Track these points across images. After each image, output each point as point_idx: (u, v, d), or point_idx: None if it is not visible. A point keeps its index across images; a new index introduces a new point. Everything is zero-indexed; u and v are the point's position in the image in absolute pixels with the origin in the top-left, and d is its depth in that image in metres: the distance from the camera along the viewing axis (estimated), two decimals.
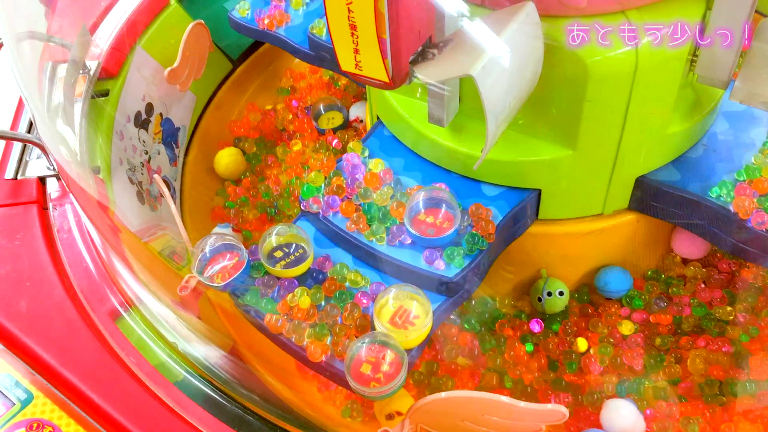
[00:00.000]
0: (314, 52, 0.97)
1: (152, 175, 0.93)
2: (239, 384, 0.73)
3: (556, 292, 0.84)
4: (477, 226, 0.73)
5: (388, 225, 0.75)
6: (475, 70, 0.56)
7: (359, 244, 0.75)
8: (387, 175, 0.79)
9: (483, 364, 0.83)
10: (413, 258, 0.73)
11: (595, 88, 0.66)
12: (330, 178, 0.80)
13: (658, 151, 0.76)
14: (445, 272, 0.71)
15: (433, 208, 0.74)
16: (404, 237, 0.74)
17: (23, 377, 0.72)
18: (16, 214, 0.84)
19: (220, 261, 0.75)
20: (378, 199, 0.77)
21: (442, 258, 0.72)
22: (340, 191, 0.79)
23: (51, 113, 0.79)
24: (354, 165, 0.81)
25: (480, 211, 0.74)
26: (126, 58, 0.95)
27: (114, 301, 0.75)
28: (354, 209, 0.77)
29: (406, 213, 0.73)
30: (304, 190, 0.80)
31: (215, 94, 1.15)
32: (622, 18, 0.65)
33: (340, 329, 0.70)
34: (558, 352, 0.83)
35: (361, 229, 0.76)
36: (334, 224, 0.77)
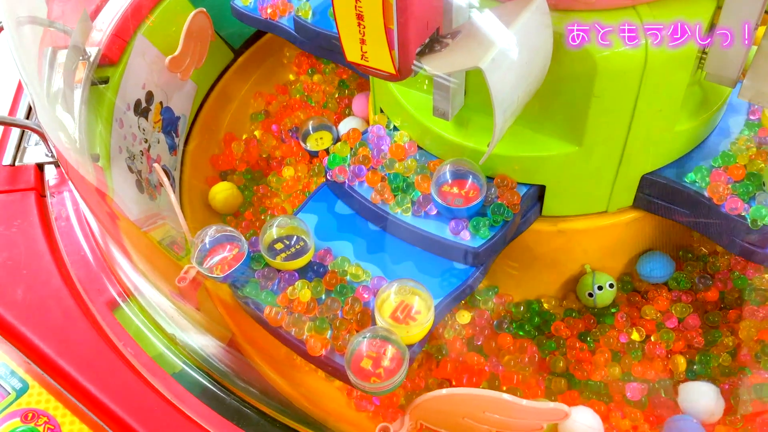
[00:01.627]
0: (300, 35, 0.97)
1: (152, 163, 0.92)
2: (237, 376, 0.72)
3: (606, 285, 0.84)
4: (502, 197, 0.73)
5: (412, 196, 0.75)
6: (485, 63, 0.55)
7: (385, 214, 0.75)
8: (412, 147, 0.79)
9: (545, 368, 0.82)
10: (439, 229, 0.73)
11: (603, 83, 0.66)
12: (356, 148, 0.80)
13: (665, 148, 0.75)
14: (470, 243, 0.72)
15: (459, 179, 0.74)
16: (430, 207, 0.75)
17: (18, 366, 0.71)
18: (13, 200, 0.83)
19: (219, 252, 0.74)
20: (402, 170, 0.77)
21: (467, 228, 0.72)
22: (366, 161, 0.79)
23: (51, 99, 0.78)
24: (379, 137, 0.81)
25: (506, 181, 0.74)
26: (127, 46, 0.94)
27: (112, 291, 0.75)
28: (379, 179, 0.78)
29: (433, 183, 0.74)
30: (331, 159, 0.80)
31: (216, 83, 1.14)
32: (633, 14, 0.64)
33: (341, 323, 0.69)
34: (619, 344, 0.83)
35: (387, 200, 0.76)
36: (359, 194, 0.77)
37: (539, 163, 0.74)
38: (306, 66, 1.20)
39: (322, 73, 1.19)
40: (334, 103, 1.15)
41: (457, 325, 0.83)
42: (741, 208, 0.72)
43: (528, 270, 0.86)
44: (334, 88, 1.17)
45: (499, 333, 0.85)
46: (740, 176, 0.75)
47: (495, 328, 0.85)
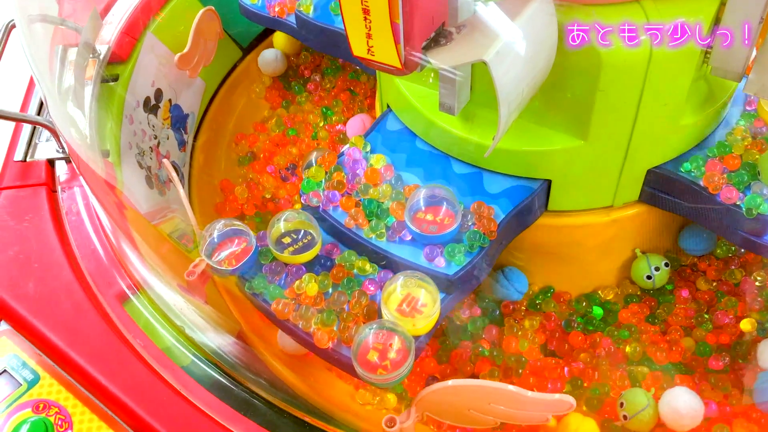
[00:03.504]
0: (302, 30, 0.97)
1: (161, 159, 0.93)
2: (246, 368, 0.73)
3: (662, 264, 0.85)
4: (479, 223, 0.73)
5: (386, 222, 0.75)
6: (489, 56, 0.55)
7: (359, 239, 0.75)
8: (388, 171, 0.79)
9: (622, 358, 0.83)
10: (413, 255, 0.72)
11: (608, 77, 0.66)
12: (331, 172, 0.80)
13: (671, 142, 0.75)
14: (445, 269, 0.71)
15: (433, 205, 0.73)
16: (404, 233, 0.74)
17: (30, 358, 0.72)
18: (24, 196, 0.84)
19: (228, 246, 0.75)
20: (377, 196, 0.77)
21: (442, 255, 0.72)
22: (341, 186, 0.78)
23: (62, 96, 0.79)
24: (355, 160, 0.81)
25: (482, 209, 0.74)
26: (136, 43, 0.95)
27: (122, 284, 0.75)
28: (354, 204, 0.77)
29: (407, 210, 0.73)
30: (305, 184, 0.79)
31: (225, 80, 1.15)
32: (638, 9, 0.64)
33: (348, 316, 0.70)
34: (687, 320, 0.85)
35: (361, 224, 0.75)
36: (334, 218, 0.76)
37: (544, 158, 0.74)
38: (278, 99, 1.18)
39: (296, 104, 1.18)
40: (324, 132, 1.12)
41: (529, 334, 0.83)
42: (736, 198, 0.73)
43: (580, 264, 0.86)
44: (318, 117, 1.15)
45: (570, 332, 0.85)
46: (735, 166, 0.75)
47: (564, 327, 0.85)
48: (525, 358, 0.82)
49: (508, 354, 0.83)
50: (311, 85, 1.19)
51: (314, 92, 1.18)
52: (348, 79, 1.18)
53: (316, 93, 1.18)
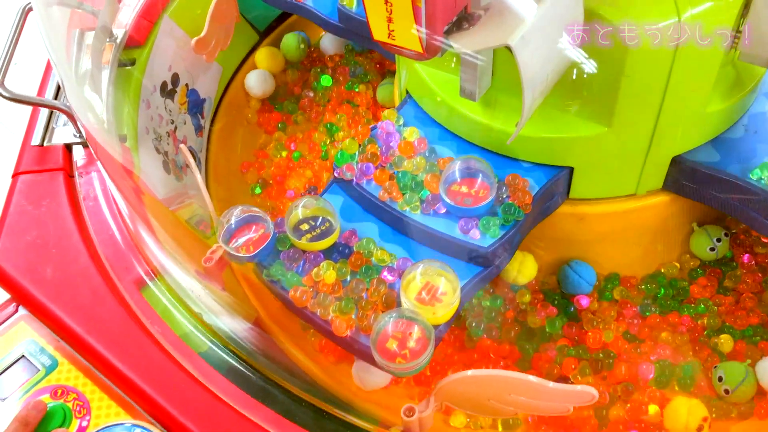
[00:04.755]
0: (344, 25, 0.96)
1: (178, 144, 0.92)
2: (263, 355, 0.73)
3: (722, 235, 0.86)
4: (513, 196, 0.72)
5: (420, 194, 0.74)
6: (514, 40, 0.54)
7: (392, 212, 0.74)
8: (421, 144, 0.78)
9: (700, 331, 0.83)
10: (448, 227, 0.72)
11: (634, 62, 0.64)
12: (364, 145, 0.79)
13: (696, 130, 0.74)
14: (480, 242, 0.70)
15: (469, 177, 0.73)
16: (438, 206, 0.73)
17: (48, 343, 0.72)
18: (42, 180, 0.84)
19: (245, 233, 0.74)
20: (411, 168, 0.76)
21: (477, 227, 0.71)
22: (375, 158, 0.78)
23: (79, 80, 0.79)
24: (388, 133, 0.80)
25: (517, 181, 0.73)
26: (153, 27, 0.94)
27: (139, 270, 0.75)
28: (387, 177, 0.77)
29: (442, 182, 0.73)
30: (338, 156, 0.79)
31: (242, 65, 1.14)
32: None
33: (366, 304, 0.69)
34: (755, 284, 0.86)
35: (395, 198, 0.75)
36: (367, 192, 0.76)
37: (567, 145, 0.73)
38: (272, 122, 1.11)
39: (293, 123, 1.11)
40: (334, 150, 1.04)
41: (613, 326, 0.83)
42: None
43: (638, 246, 0.86)
44: (324, 135, 1.07)
45: (647, 316, 0.84)
46: None
47: (641, 312, 0.84)
48: (613, 352, 0.80)
49: (595, 349, 0.81)
50: (304, 101, 1.12)
51: (309, 109, 1.12)
52: (345, 91, 1.12)
53: (312, 110, 1.12)
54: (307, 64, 1.18)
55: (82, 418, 0.67)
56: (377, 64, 1.15)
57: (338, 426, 0.64)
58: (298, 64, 1.18)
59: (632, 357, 0.81)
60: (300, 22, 1.18)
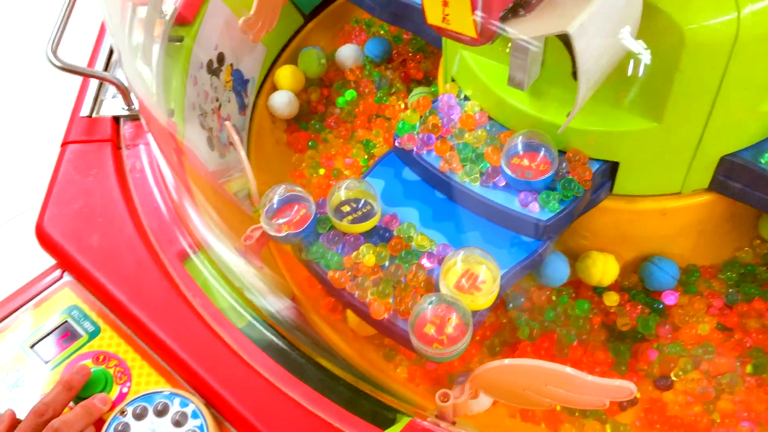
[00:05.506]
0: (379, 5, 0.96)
1: (222, 122, 0.93)
2: (302, 333, 0.73)
3: None
4: (573, 172, 0.72)
5: (481, 167, 0.75)
6: (573, 28, 0.54)
7: (452, 183, 0.75)
8: (482, 118, 0.78)
9: None
10: (507, 200, 0.73)
11: (689, 57, 0.63)
12: (426, 116, 0.80)
13: (748, 129, 0.73)
14: (539, 215, 0.71)
15: (531, 151, 0.73)
16: (498, 178, 0.74)
17: (91, 310, 0.74)
18: (90, 151, 0.85)
19: (287, 212, 0.75)
20: (472, 141, 0.76)
21: (537, 201, 0.72)
22: (436, 129, 0.78)
23: (132, 52, 0.80)
24: (450, 106, 0.80)
25: (578, 156, 0.73)
26: (202, 5, 0.95)
27: (183, 243, 0.76)
28: (449, 148, 0.77)
29: (503, 154, 0.73)
30: (399, 126, 0.79)
31: (285, 47, 1.15)
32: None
33: (405, 288, 0.69)
34: None
35: (455, 169, 0.75)
36: (427, 162, 0.77)
37: (615, 139, 0.72)
38: (302, 142, 1.07)
39: (322, 141, 1.07)
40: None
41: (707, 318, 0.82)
42: None
43: (714, 236, 0.85)
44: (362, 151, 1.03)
45: (734, 305, 0.83)
46: None
47: (727, 302, 0.84)
48: (712, 345, 0.80)
49: (691, 344, 0.81)
50: (332, 120, 1.09)
51: (337, 126, 1.08)
52: (374, 105, 1.08)
53: (340, 126, 1.08)
54: (326, 80, 1.15)
55: (122, 384, 0.68)
56: (402, 73, 1.11)
57: (374, 406, 0.65)
58: (318, 80, 1.15)
59: (726, 348, 0.80)
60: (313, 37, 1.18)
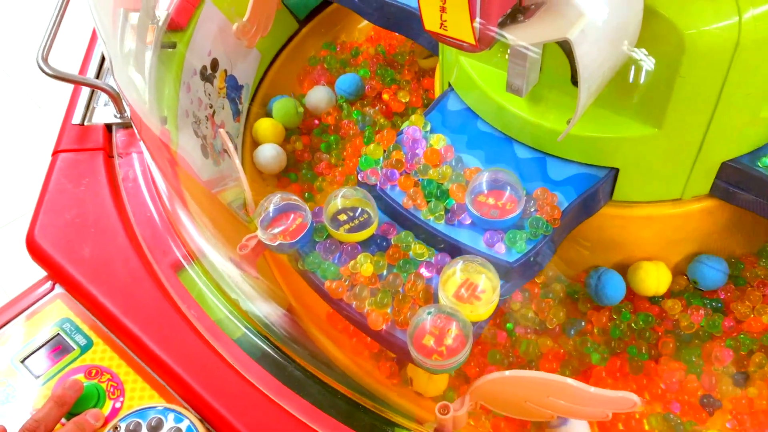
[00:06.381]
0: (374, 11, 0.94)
1: (217, 129, 0.92)
2: (298, 344, 0.72)
3: None
4: (542, 210, 0.70)
5: (446, 204, 0.73)
6: (573, 34, 0.53)
7: (416, 221, 0.73)
8: (448, 152, 0.77)
9: None
10: (472, 239, 0.70)
11: (690, 62, 0.63)
12: (389, 151, 0.78)
13: (749, 134, 0.72)
14: (505, 256, 0.69)
15: (496, 189, 0.71)
16: (464, 217, 0.72)
17: (83, 323, 0.73)
18: (82, 159, 0.84)
19: (283, 221, 0.74)
20: (437, 177, 0.75)
21: (503, 241, 0.69)
22: (399, 165, 0.76)
23: (124, 59, 0.79)
24: (414, 139, 0.78)
25: (546, 195, 0.71)
26: (195, 11, 0.94)
27: (177, 253, 0.75)
28: (412, 184, 0.75)
29: (468, 193, 0.71)
30: (362, 161, 0.77)
31: (280, 53, 1.14)
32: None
33: (403, 298, 0.68)
34: None
35: (419, 206, 0.73)
36: (391, 198, 0.75)
37: (615, 145, 0.71)
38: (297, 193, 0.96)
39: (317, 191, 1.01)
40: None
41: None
42: None
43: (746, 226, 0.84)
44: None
45: None
46: None
47: None
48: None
49: (758, 332, 0.80)
50: (322, 165, 1.03)
51: (328, 172, 1.03)
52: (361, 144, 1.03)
53: (333, 171, 1.03)
54: (303, 128, 1.09)
55: (115, 399, 0.67)
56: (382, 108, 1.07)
57: (373, 420, 0.64)
58: (296, 128, 1.09)
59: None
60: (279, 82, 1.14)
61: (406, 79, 1.11)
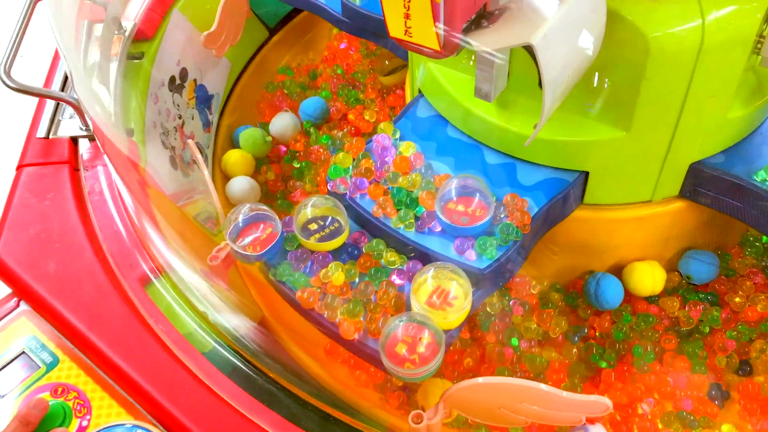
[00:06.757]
0: (349, 19, 0.94)
1: (185, 140, 0.91)
2: (269, 357, 0.71)
3: None
4: (512, 216, 0.70)
5: (416, 211, 0.73)
6: (536, 39, 0.52)
7: (386, 229, 0.72)
8: (418, 160, 0.76)
9: None
10: (443, 247, 0.70)
11: (655, 65, 0.63)
12: (358, 159, 0.77)
13: (716, 136, 0.72)
14: (476, 263, 0.68)
15: (465, 196, 0.70)
16: (434, 224, 0.71)
17: (49, 340, 0.71)
18: (47, 173, 0.82)
19: (253, 231, 0.73)
20: (407, 185, 0.74)
21: (473, 248, 0.69)
22: (369, 173, 0.76)
23: (87, 72, 0.77)
24: (384, 147, 0.78)
25: (515, 201, 0.71)
26: (162, 20, 0.93)
27: (144, 267, 0.74)
28: (382, 192, 0.75)
29: (437, 200, 0.70)
30: (331, 170, 0.77)
31: (251, 61, 1.13)
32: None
33: (375, 307, 0.67)
34: None
35: (389, 214, 0.73)
36: (361, 206, 0.74)
37: (584, 149, 0.71)
38: None
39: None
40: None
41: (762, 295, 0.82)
42: None
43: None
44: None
45: None
46: None
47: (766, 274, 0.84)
48: None
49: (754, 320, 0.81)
50: (297, 194, 1.01)
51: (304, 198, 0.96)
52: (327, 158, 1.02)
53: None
54: (272, 156, 1.06)
55: (82, 417, 0.66)
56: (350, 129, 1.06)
57: (345, 431, 0.63)
58: (266, 158, 1.06)
59: None
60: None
61: (371, 98, 1.09)
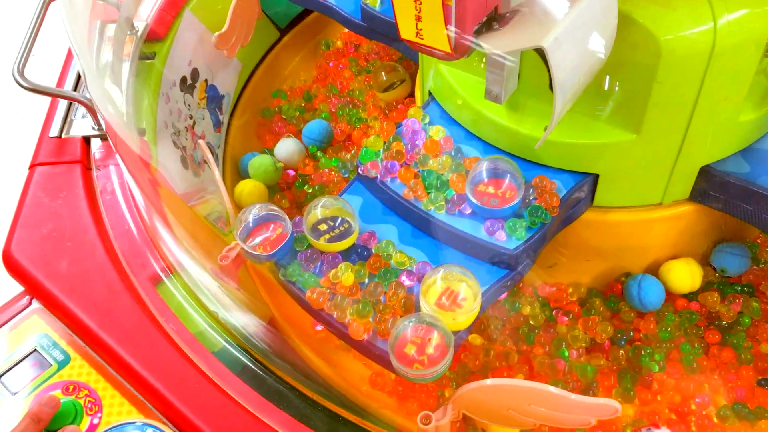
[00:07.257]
0: (367, 23, 0.94)
1: (196, 140, 0.91)
2: (278, 356, 0.72)
3: None
4: (541, 198, 0.71)
5: (446, 194, 0.73)
6: (547, 42, 0.52)
7: (417, 211, 0.73)
8: (447, 143, 0.77)
9: None
10: (473, 228, 0.71)
11: (667, 68, 0.63)
12: (389, 143, 0.78)
13: (727, 139, 0.72)
14: (506, 244, 0.69)
15: (496, 178, 0.71)
16: (464, 206, 0.72)
17: (61, 338, 0.72)
18: (59, 172, 0.83)
19: (263, 231, 0.73)
20: (437, 167, 0.75)
21: (503, 229, 0.70)
22: (400, 156, 0.77)
23: (100, 72, 0.78)
24: (414, 131, 0.79)
25: (544, 183, 0.71)
26: (174, 21, 0.94)
27: (155, 266, 0.74)
28: (413, 175, 0.75)
29: (468, 182, 0.71)
30: (363, 153, 0.77)
31: (261, 61, 1.13)
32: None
33: (384, 308, 0.68)
34: None
35: (419, 196, 0.73)
36: (391, 190, 0.75)
37: (594, 151, 0.71)
38: None
39: None
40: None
41: None
42: None
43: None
44: None
45: None
46: None
47: None
48: None
49: None
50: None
51: None
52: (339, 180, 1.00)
53: None
54: (282, 184, 1.03)
55: (93, 415, 0.66)
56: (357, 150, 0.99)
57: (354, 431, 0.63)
58: (276, 185, 1.02)
59: None
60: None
61: (374, 116, 1.07)
